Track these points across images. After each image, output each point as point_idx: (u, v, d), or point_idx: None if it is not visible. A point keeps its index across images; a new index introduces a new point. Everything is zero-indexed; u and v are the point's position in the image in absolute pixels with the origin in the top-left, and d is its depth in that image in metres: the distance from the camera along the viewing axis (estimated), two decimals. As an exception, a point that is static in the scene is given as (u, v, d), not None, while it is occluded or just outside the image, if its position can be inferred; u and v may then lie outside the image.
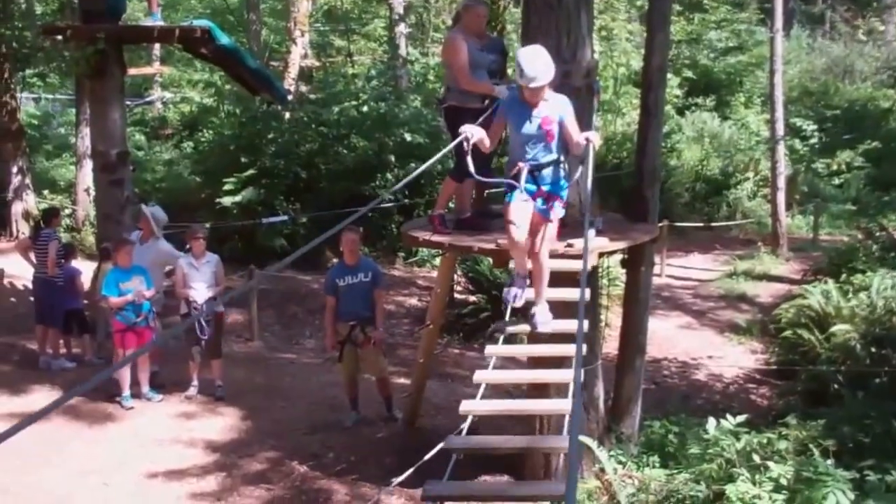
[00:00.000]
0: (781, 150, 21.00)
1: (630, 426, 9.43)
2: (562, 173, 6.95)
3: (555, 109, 6.72)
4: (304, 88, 23.80)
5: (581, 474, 8.15)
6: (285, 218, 18.24)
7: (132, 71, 17.86)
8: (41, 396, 10.08)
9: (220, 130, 21.70)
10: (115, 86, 13.05)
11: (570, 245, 7.74)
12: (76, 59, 13.21)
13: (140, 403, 9.96)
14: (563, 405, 6.86)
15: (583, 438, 7.57)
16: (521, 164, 6.79)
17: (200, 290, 10.11)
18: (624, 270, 10.48)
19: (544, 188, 6.83)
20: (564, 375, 6.95)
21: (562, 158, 6.92)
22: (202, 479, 8.12)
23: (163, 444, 8.85)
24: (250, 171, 18.80)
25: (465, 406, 6.72)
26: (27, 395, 10.20)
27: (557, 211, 6.96)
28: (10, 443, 2.43)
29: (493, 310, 12.97)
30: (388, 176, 18.46)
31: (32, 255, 11.76)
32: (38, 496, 7.44)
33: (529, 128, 6.73)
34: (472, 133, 6.64)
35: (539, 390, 7.89)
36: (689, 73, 27.52)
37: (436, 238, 8.40)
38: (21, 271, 14.23)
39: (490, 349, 7.42)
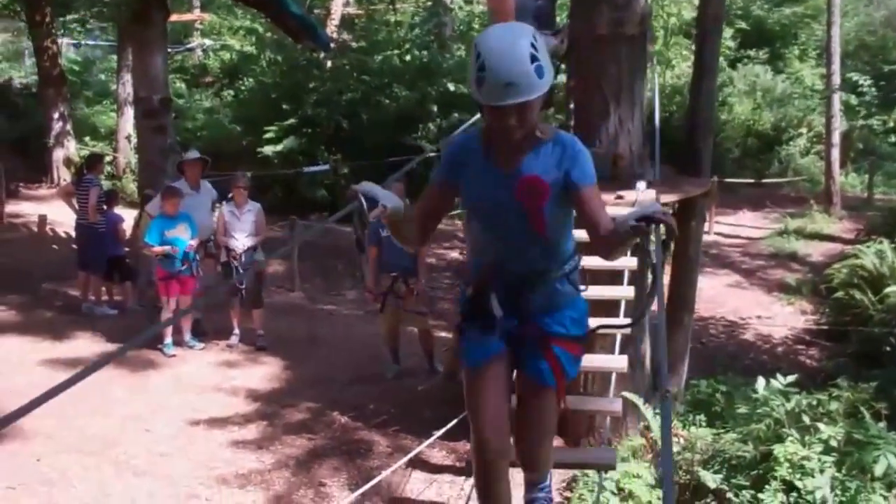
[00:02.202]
0: (836, 105, 20.54)
1: (676, 384, 9.24)
2: (575, 287, 3.80)
3: (553, 163, 3.48)
4: (346, 36, 23.61)
5: (626, 431, 8.02)
6: (326, 168, 18.11)
7: (173, 17, 17.74)
8: (84, 342, 10.06)
9: (262, 79, 21.56)
10: (158, 31, 12.90)
11: (619, 197, 7.53)
12: (118, 4, 13.08)
13: (182, 351, 9.91)
14: (614, 363, 6.66)
15: (628, 395, 7.40)
16: (485, 276, 3.74)
17: (241, 239, 10.01)
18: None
19: (539, 325, 3.75)
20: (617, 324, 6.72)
21: (575, 259, 3.79)
22: (244, 427, 8.04)
23: (204, 392, 8.78)
24: (291, 120, 18.69)
25: None
26: (70, 340, 10.18)
27: (568, 368, 3.81)
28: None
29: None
30: (430, 126, 18.26)
31: (74, 202, 11.70)
32: (81, 442, 7.39)
33: (498, 201, 3.53)
34: (378, 197, 3.41)
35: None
36: (741, 24, 26.83)
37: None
38: (63, 218, 14.23)
39: None
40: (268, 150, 18.79)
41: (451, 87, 18.53)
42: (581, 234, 3.68)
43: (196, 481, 6.95)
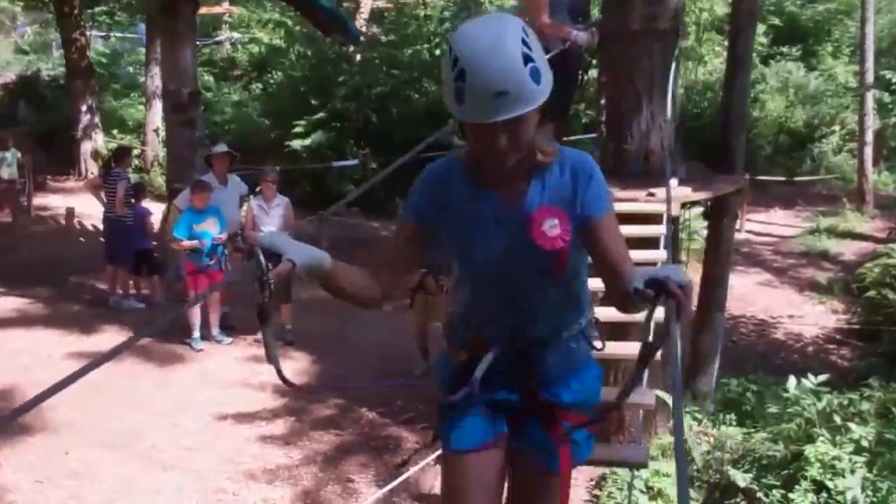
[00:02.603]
0: (870, 102, 20.34)
1: (707, 383, 9.16)
2: (590, 343, 3.05)
3: (564, 190, 2.75)
4: (375, 30, 23.57)
5: (655, 430, 7.96)
6: (355, 162, 18.09)
7: (202, 10, 17.77)
8: (111, 336, 10.06)
9: (290, 72, 21.56)
10: (187, 23, 12.89)
11: (651, 194, 7.45)
12: (148, -5, 13.11)
13: (210, 345, 9.90)
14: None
15: (658, 393, 7.32)
16: (481, 343, 2.93)
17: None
18: (705, 223, 10.19)
19: (545, 395, 2.95)
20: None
21: (591, 309, 3.07)
22: (271, 422, 8.03)
23: (232, 387, 8.77)
24: (320, 114, 18.67)
25: None
26: (97, 334, 10.18)
27: (580, 449, 3.00)
28: (81, 382, 2.32)
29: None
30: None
31: (102, 195, 11.71)
32: (109, 436, 7.39)
33: (507, 250, 2.77)
34: (283, 250, 2.53)
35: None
36: (774, 21, 26.59)
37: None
38: (91, 210, 14.27)
39: None
40: (296, 144, 18.78)
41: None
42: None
43: (223, 476, 6.94)
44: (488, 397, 2.89)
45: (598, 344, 3.06)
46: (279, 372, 2.65)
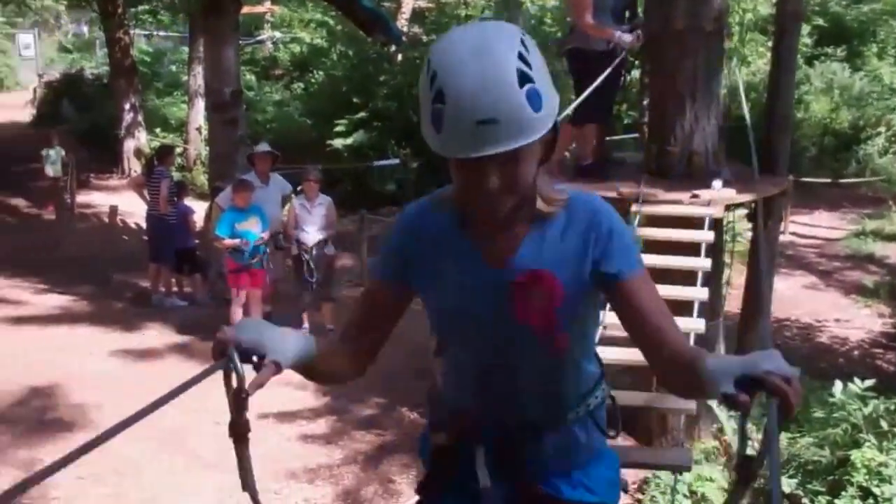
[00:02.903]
0: (917, 103, 20.09)
1: (751, 387, 9.08)
2: (602, 430, 2.49)
3: (570, 247, 2.17)
4: (416, 29, 23.58)
5: (698, 434, 7.91)
6: (396, 162, 18.09)
7: (244, 10, 17.88)
8: (153, 333, 10.13)
9: (332, 72, 21.61)
10: (230, 22, 12.97)
11: (695, 196, 7.39)
12: (191, -6, 13.19)
13: (251, 344, 9.93)
14: (693, 324, 6.47)
15: (705, 399, 7.27)
16: (465, 424, 2.39)
17: (311, 233, 10.01)
18: (748, 225, 10.08)
19: (547, 489, 2.40)
20: (690, 324, 6.57)
21: (602, 387, 2.46)
22: (313, 421, 8.04)
23: (273, 386, 8.72)
24: (361, 114, 18.70)
25: None
26: (140, 331, 10.26)
27: None
28: (124, 380, 2.33)
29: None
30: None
31: (145, 193, 11.79)
32: (150, 432, 7.42)
33: (484, 315, 2.21)
34: (264, 348, 1.98)
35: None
36: (818, 21, 26.29)
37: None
38: (134, 208, 14.38)
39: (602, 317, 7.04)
40: (337, 143, 18.83)
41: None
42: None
43: (265, 475, 6.94)
44: (472, 487, 2.33)
45: (611, 432, 2.49)
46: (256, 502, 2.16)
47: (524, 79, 1.87)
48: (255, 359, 1.95)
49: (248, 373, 1.97)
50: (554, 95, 1.97)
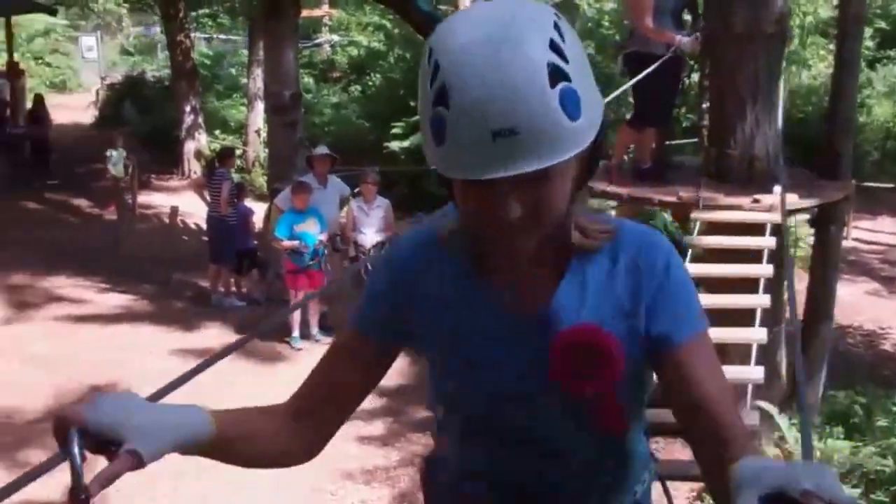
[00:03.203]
0: (982, 107, 19.71)
1: (813, 395, 8.95)
2: None
3: (615, 295, 1.62)
4: (473, 32, 23.57)
5: (758, 442, 7.81)
6: (453, 164, 18.11)
7: (303, 13, 18.00)
8: (213, 333, 10.24)
9: (389, 75, 21.68)
10: (289, 25, 13.07)
11: (756, 200, 7.32)
12: (251, -1, 13.32)
13: (309, 344, 10.01)
14: (751, 374, 6.40)
15: (763, 405, 7.20)
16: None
17: (369, 235, 10.06)
18: (810, 230, 9.98)
19: None
20: (752, 334, 6.48)
21: (650, 467, 1.88)
22: (369, 423, 8.06)
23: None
24: (418, 117, 18.74)
25: None
26: (200, 331, 10.38)
27: None
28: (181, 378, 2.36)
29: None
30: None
31: (206, 194, 11.92)
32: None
33: (494, 377, 1.65)
34: (121, 431, 1.34)
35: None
36: (881, 24, 25.90)
37: (613, 189, 8.12)
38: (194, 209, 14.52)
39: None
40: (394, 145, 18.88)
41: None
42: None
43: (321, 476, 6.99)
44: None
45: None
46: None
47: (558, 76, 1.34)
48: (113, 448, 1.36)
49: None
50: (597, 100, 1.46)
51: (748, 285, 6.66)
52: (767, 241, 6.86)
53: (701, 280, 7.28)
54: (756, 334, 6.31)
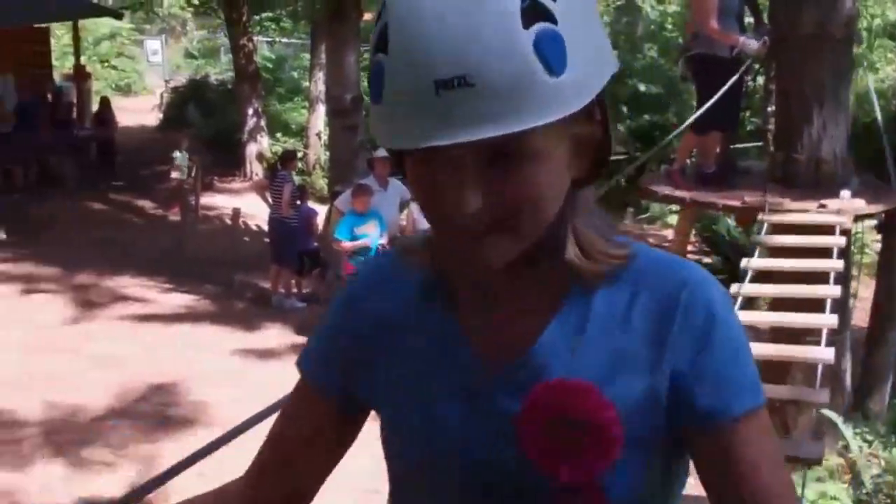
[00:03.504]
0: None
1: (878, 403, 8.84)
2: None
3: (628, 344, 1.13)
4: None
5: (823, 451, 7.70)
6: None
7: (365, 16, 18.08)
8: (274, 334, 10.29)
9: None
10: (352, 29, 13.13)
11: (823, 205, 7.22)
12: (314, 1, 13.37)
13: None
14: (820, 353, 6.34)
15: (827, 413, 7.08)
16: None
17: (429, 238, 10.07)
18: (877, 236, 9.82)
19: None
20: (817, 354, 6.42)
21: None
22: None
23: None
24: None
25: None
26: (261, 331, 10.44)
27: None
28: (244, 379, 2.36)
29: (728, 272, 12.42)
30: (620, 128, 18.01)
31: (268, 196, 12.01)
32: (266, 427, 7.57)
33: (453, 438, 1.18)
34: None
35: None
36: (949, 26, 25.50)
37: (677, 193, 8.06)
38: (256, 211, 14.64)
39: None
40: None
41: (642, 87, 18.24)
42: None
43: (377, 477, 6.95)
44: None
45: None
46: None
47: (536, 13, 0.96)
48: None
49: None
50: (599, 58, 1.05)
51: (817, 279, 6.61)
52: (837, 240, 6.78)
53: (769, 274, 7.18)
54: (822, 354, 6.27)
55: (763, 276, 7.09)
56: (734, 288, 7.01)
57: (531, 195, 1.04)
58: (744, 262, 7.09)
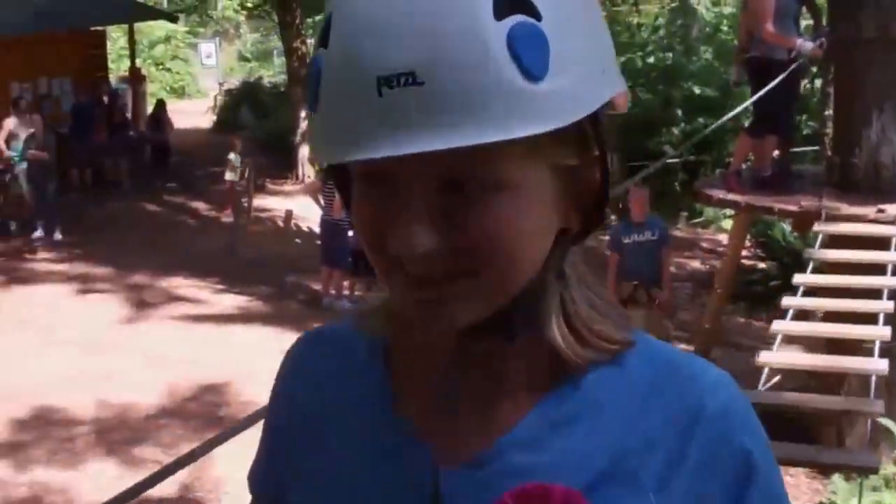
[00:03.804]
0: None
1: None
2: None
3: (626, 468, 0.87)
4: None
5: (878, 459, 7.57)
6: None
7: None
8: (323, 336, 10.32)
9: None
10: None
11: (881, 210, 7.11)
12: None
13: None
14: (874, 364, 6.27)
15: (885, 422, 6.95)
16: None
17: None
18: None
19: None
20: (869, 365, 6.33)
21: None
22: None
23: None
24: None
25: (764, 357, 6.24)
26: (311, 333, 10.48)
27: None
28: None
29: (783, 278, 12.26)
30: (674, 130, 17.86)
31: (320, 198, 12.04)
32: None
33: None
34: None
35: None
36: None
37: (732, 197, 7.97)
38: (308, 213, 14.67)
39: (777, 325, 6.85)
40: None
41: (697, 90, 18.08)
42: None
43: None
44: None
45: None
46: None
47: (514, 3, 0.76)
48: None
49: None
50: (595, 72, 0.82)
51: (870, 294, 6.52)
52: (892, 256, 6.67)
53: (822, 290, 7.11)
54: (879, 331, 6.21)
55: (817, 289, 7.03)
56: (786, 301, 6.92)
57: (496, 233, 0.80)
58: (798, 278, 7.01)
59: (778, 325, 6.64)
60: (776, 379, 6.60)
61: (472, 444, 0.90)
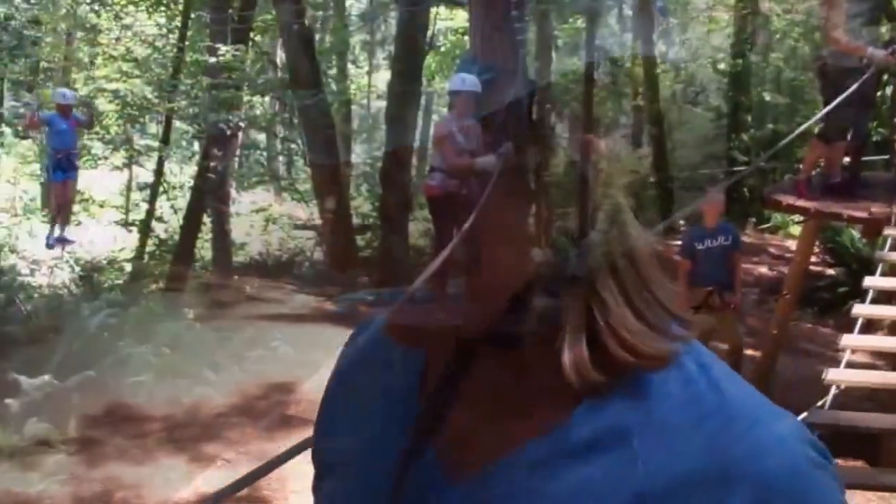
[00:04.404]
0: None
1: None
2: None
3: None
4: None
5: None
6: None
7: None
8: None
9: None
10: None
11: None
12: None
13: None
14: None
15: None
16: None
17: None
18: None
19: None
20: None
21: None
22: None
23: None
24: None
25: (833, 375, 6.17)
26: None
27: None
28: None
29: (852, 285, 12.09)
30: (744, 137, 17.71)
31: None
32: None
33: None
34: None
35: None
36: None
37: (801, 203, 7.91)
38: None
39: (847, 339, 6.76)
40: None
41: (767, 96, 17.91)
42: None
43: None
44: None
45: None
46: None
47: None
48: None
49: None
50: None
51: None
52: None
53: (892, 294, 7.02)
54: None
55: (886, 296, 6.94)
56: (857, 309, 6.85)
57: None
58: (867, 281, 6.93)
59: (847, 340, 6.57)
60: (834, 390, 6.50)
61: (482, 458, 0.85)
